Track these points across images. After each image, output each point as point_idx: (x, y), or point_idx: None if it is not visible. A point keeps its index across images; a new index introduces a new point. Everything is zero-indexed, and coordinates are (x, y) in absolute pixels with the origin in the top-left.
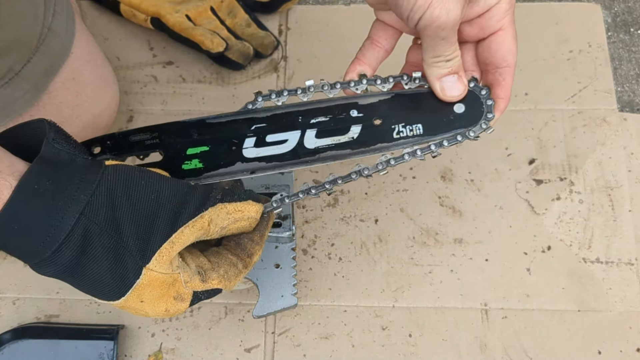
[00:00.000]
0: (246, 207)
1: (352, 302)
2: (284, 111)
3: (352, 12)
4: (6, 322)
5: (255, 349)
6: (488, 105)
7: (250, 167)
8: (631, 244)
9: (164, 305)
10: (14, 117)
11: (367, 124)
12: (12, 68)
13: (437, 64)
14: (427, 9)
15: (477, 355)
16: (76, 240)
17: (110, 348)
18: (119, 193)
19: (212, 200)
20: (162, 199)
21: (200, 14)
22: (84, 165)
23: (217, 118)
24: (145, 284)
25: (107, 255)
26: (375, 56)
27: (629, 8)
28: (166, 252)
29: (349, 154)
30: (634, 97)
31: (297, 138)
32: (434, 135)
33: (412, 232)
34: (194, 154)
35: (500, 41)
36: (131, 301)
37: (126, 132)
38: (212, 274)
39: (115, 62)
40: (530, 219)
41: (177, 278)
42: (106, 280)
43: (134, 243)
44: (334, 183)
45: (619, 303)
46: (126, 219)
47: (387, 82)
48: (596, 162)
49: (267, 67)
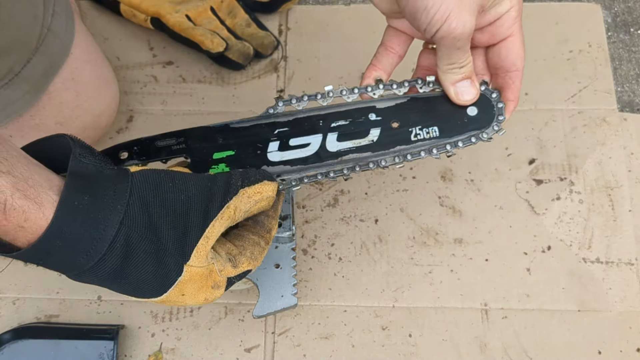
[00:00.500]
0: (264, 188)
1: (352, 302)
2: (305, 115)
3: (352, 12)
4: (6, 322)
5: (255, 349)
6: (499, 108)
7: (276, 170)
8: (631, 244)
9: (203, 295)
10: (14, 118)
11: (385, 127)
12: (11, 69)
13: (452, 71)
14: (445, 22)
15: (477, 355)
16: (118, 249)
17: (110, 348)
18: (151, 198)
19: (233, 189)
20: (191, 198)
21: (200, 14)
22: (113, 175)
23: (240, 122)
24: (187, 279)
25: (149, 259)
26: (390, 61)
27: (629, 8)
28: (202, 248)
29: (369, 156)
30: (634, 97)
31: (319, 141)
32: (450, 137)
33: (412, 232)
34: (220, 158)
35: (509, 47)
36: (172, 296)
37: (152, 137)
38: (241, 258)
39: (115, 62)
40: (530, 219)
41: (213, 269)
42: (149, 282)
43: (173, 244)
44: (352, 170)
45: (619, 303)
46: (162, 222)
47: (403, 86)
48: (596, 162)
49: (267, 67)
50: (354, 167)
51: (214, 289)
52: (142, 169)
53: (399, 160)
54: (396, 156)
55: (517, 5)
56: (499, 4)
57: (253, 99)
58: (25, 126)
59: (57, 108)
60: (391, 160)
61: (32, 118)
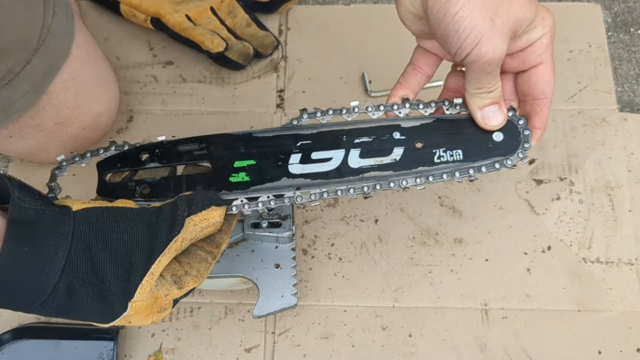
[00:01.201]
0: (211, 214)
1: (352, 302)
2: (329, 129)
3: (352, 12)
4: (6, 322)
5: (255, 349)
6: (525, 135)
7: (296, 183)
8: (631, 244)
9: (150, 319)
10: (14, 118)
11: (409, 147)
12: (11, 69)
13: (480, 95)
14: (476, 46)
15: (477, 355)
16: (62, 292)
17: (110, 348)
18: (93, 241)
19: (179, 221)
20: (135, 236)
21: (200, 14)
22: (54, 217)
23: (263, 132)
24: (132, 313)
25: (92, 301)
26: (418, 81)
27: (629, 8)
28: (147, 284)
29: (391, 175)
30: (634, 97)
31: (341, 157)
32: (474, 161)
33: (412, 232)
34: (241, 167)
35: (540, 74)
36: (120, 322)
37: (175, 141)
38: (186, 278)
39: (115, 62)
40: (530, 219)
41: (158, 296)
42: (94, 316)
43: (117, 285)
44: (372, 188)
45: (619, 303)
46: (105, 265)
47: (429, 107)
48: (596, 162)
49: (267, 67)
50: (375, 185)
51: (160, 312)
52: (85, 208)
53: (420, 181)
54: (418, 177)
55: (550, 32)
56: (531, 30)
57: (253, 99)
58: (25, 126)
59: (57, 108)
60: (412, 181)
61: (32, 118)
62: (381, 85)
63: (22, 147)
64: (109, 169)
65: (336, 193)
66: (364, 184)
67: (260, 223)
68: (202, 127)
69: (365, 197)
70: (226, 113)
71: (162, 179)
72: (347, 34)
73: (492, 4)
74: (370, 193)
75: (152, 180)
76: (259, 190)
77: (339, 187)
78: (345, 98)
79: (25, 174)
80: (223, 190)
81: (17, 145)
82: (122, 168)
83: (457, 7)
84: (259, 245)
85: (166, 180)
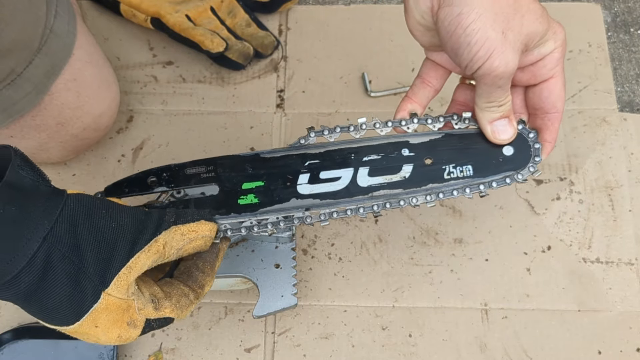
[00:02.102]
0: (200, 227)
1: (352, 302)
2: (337, 148)
3: (352, 12)
4: (6, 322)
5: (255, 349)
6: (536, 149)
7: (305, 204)
8: (631, 244)
9: (117, 331)
10: (16, 118)
11: (418, 164)
12: (14, 69)
13: (490, 109)
14: (487, 59)
15: (477, 355)
16: (37, 265)
17: (110, 348)
18: (81, 220)
19: (165, 224)
20: (122, 227)
21: (200, 14)
22: (47, 192)
23: (271, 153)
24: (102, 308)
25: (67, 281)
26: (426, 95)
27: (629, 8)
28: (124, 277)
29: (400, 193)
30: (634, 97)
31: (350, 176)
32: (484, 177)
33: (412, 232)
34: (250, 188)
35: (551, 88)
36: (85, 326)
37: (182, 164)
38: (165, 302)
39: (115, 62)
40: (530, 219)
41: (132, 304)
42: (63, 305)
43: (94, 269)
44: (382, 207)
45: (619, 303)
46: (88, 245)
47: (438, 122)
48: (596, 162)
49: (267, 67)
50: (385, 204)
51: (129, 326)
52: (80, 193)
53: (430, 199)
54: (428, 194)
55: (562, 47)
56: (543, 44)
57: (253, 99)
58: (27, 126)
59: (58, 109)
60: (423, 198)
61: (34, 119)
62: (381, 85)
63: (23, 147)
64: (117, 195)
65: (346, 212)
66: (374, 203)
67: None
68: (202, 127)
69: (376, 216)
70: (226, 113)
71: (170, 203)
72: (347, 34)
73: (504, 18)
74: (380, 212)
75: (161, 205)
76: (268, 212)
77: (348, 206)
78: (345, 98)
79: None
80: (232, 213)
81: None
82: (130, 193)
83: (469, 19)
84: (259, 245)
85: (174, 204)
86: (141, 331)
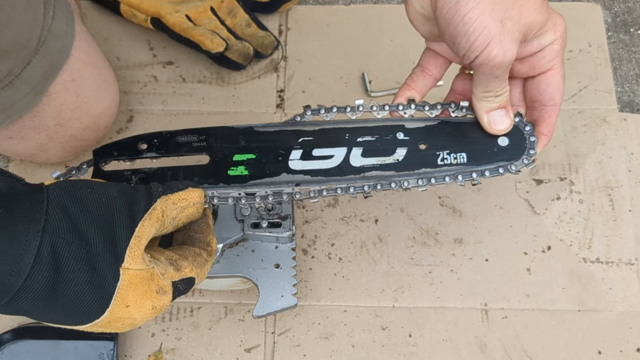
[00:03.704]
0: (189, 195)
1: (352, 302)
2: (332, 127)
3: (352, 12)
4: (6, 322)
5: (255, 349)
6: (531, 142)
7: (296, 179)
8: (631, 244)
9: (149, 303)
10: (14, 119)
11: (412, 148)
12: (12, 70)
13: (487, 99)
14: (485, 48)
15: (477, 355)
16: (46, 258)
17: (110, 348)
18: (70, 204)
19: (156, 194)
20: (113, 200)
21: (200, 14)
22: (26, 190)
23: (265, 127)
24: (126, 284)
25: (81, 266)
26: (425, 83)
27: (629, 8)
28: (136, 248)
29: (393, 175)
30: (634, 97)
31: (343, 155)
32: (477, 165)
33: (412, 232)
34: (241, 160)
35: (550, 80)
36: (116, 311)
37: (174, 132)
38: (182, 262)
39: (115, 62)
40: (530, 219)
41: (154, 272)
42: (86, 295)
43: (103, 246)
44: (373, 188)
45: (619, 303)
46: (87, 225)
47: (435, 109)
48: (596, 162)
49: (267, 67)
50: (376, 185)
51: (159, 294)
52: (57, 181)
53: (422, 182)
54: (420, 179)
55: (561, 38)
56: (542, 35)
57: (253, 99)
58: (25, 127)
59: (57, 109)
60: (414, 182)
61: (32, 120)
62: (381, 85)
63: (22, 148)
64: (105, 157)
65: (336, 191)
66: (365, 183)
67: (260, 223)
68: None
69: (366, 196)
70: (226, 113)
71: (158, 169)
72: (347, 34)
73: (503, 7)
74: (370, 192)
75: (149, 170)
76: (257, 185)
77: (339, 184)
78: (345, 98)
79: (26, 174)
80: (221, 183)
81: (17, 146)
82: (119, 157)
83: (467, 8)
84: (259, 245)
85: (163, 170)
86: (172, 296)
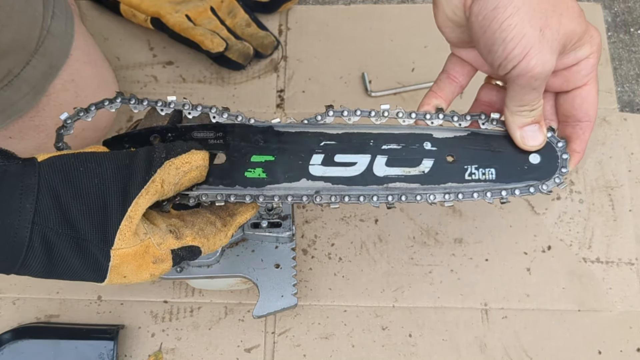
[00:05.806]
0: (192, 157)
1: (352, 302)
2: (356, 131)
3: (352, 12)
4: (6, 322)
5: (255, 349)
6: (563, 160)
7: (316, 186)
8: (631, 243)
9: (146, 272)
10: (14, 119)
11: (439, 159)
12: (11, 70)
13: (521, 113)
14: (523, 58)
15: (477, 355)
16: (38, 249)
17: (110, 348)
18: (61, 189)
19: (157, 161)
20: (106, 181)
21: (200, 14)
22: (19, 171)
23: (286, 127)
24: (119, 263)
25: (73, 254)
26: (452, 90)
27: (629, 8)
28: (126, 229)
29: (417, 188)
30: (634, 97)
31: (366, 163)
32: (507, 182)
33: (412, 232)
34: (258, 162)
35: (585, 96)
36: (115, 280)
37: (189, 126)
38: (184, 230)
39: (115, 62)
40: (530, 219)
41: (149, 244)
42: (83, 273)
43: (92, 233)
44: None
45: (619, 303)
46: (77, 214)
47: (464, 120)
48: (596, 162)
49: (267, 67)
50: (401, 196)
51: (156, 263)
52: (51, 156)
53: (448, 197)
54: (446, 193)
55: (597, 52)
56: (579, 47)
57: (253, 99)
58: (25, 127)
59: (56, 109)
60: (441, 197)
61: (32, 119)
62: (381, 85)
63: (22, 148)
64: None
65: (358, 198)
66: (389, 193)
67: (260, 223)
68: None
69: (389, 207)
70: None
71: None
72: (347, 34)
73: (543, 14)
74: (394, 203)
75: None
76: (275, 189)
77: (361, 194)
78: (345, 98)
79: None
80: (237, 185)
81: (16, 146)
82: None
83: (506, 14)
84: (259, 245)
85: None
86: (172, 262)
